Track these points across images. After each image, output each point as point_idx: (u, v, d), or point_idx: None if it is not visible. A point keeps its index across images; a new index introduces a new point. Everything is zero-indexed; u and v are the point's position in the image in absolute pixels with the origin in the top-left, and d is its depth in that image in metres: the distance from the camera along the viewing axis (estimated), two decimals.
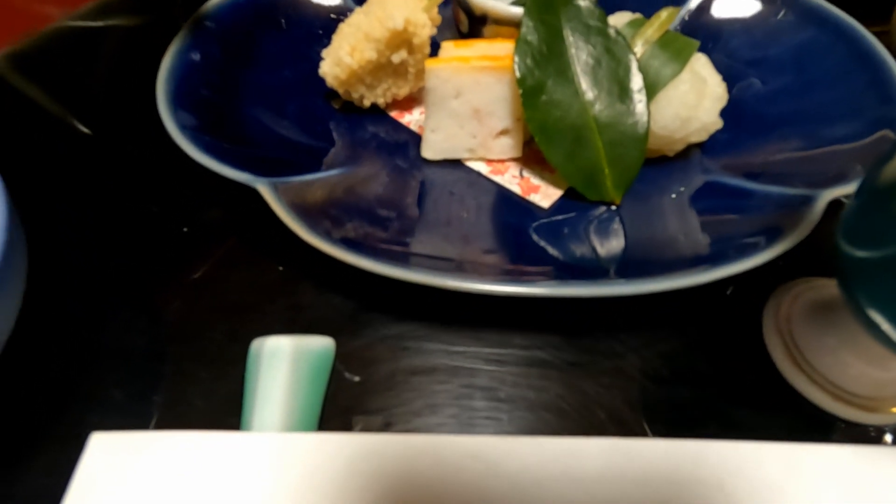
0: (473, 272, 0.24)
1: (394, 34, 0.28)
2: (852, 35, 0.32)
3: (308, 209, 0.26)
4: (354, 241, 0.24)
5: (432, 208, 0.28)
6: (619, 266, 0.26)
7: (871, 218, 0.19)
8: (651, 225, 0.28)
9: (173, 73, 0.29)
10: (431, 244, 0.26)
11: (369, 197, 0.28)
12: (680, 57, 0.28)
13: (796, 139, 0.30)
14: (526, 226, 0.27)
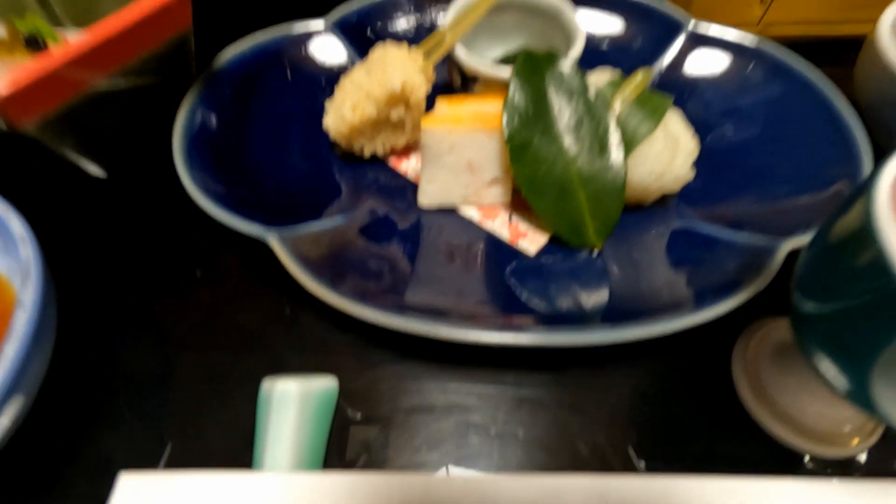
0: (466, 321, 0.26)
1: (392, 95, 0.30)
2: (817, 89, 0.35)
3: (313, 259, 0.28)
4: (356, 291, 0.26)
5: (428, 256, 0.30)
6: (601, 313, 0.28)
7: (818, 272, 0.21)
8: (630, 270, 0.30)
9: (187, 130, 0.32)
10: (427, 293, 0.28)
11: (370, 245, 0.30)
12: (655, 115, 0.30)
13: (763, 189, 0.32)
14: (514, 272, 0.30)
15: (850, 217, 0.19)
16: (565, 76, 0.30)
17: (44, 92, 0.25)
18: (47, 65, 0.24)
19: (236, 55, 0.36)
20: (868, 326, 0.18)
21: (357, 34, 0.39)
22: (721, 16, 0.42)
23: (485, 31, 0.37)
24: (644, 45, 0.40)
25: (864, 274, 0.18)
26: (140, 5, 0.27)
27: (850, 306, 0.19)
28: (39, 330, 0.22)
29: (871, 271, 0.17)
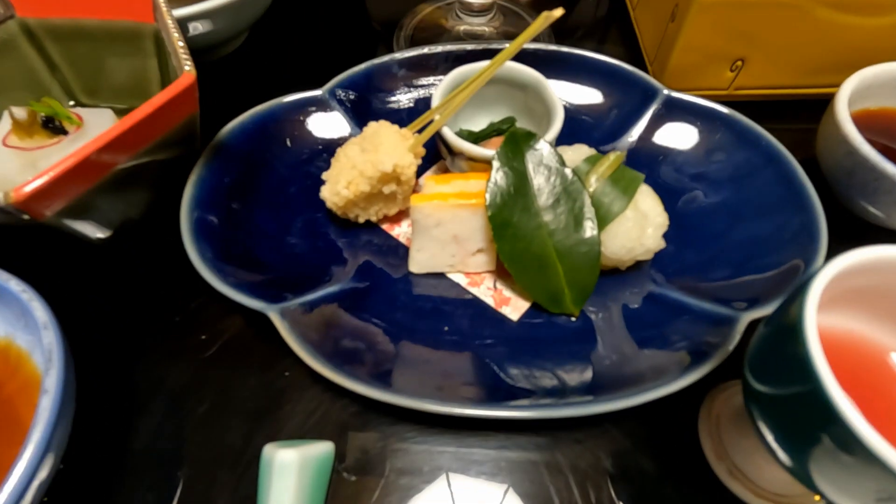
0: (453, 395, 0.28)
1: (385, 174, 0.33)
2: (782, 161, 0.37)
3: (311, 330, 0.30)
4: (350, 364, 0.29)
5: (418, 325, 0.33)
6: (581, 384, 0.30)
7: (764, 354, 0.24)
8: (606, 337, 0.33)
9: (192, 205, 0.34)
10: (416, 364, 0.30)
11: (364, 314, 0.32)
12: (627, 192, 0.33)
13: (728, 258, 0.35)
14: (499, 339, 0.32)
15: (790, 312, 0.22)
16: (544, 156, 0.32)
17: (65, 187, 0.28)
18: (68, 165, 0.27)
19: (237, 126, 0.39)
20: (799, 420, 0.20)
21: (353, 102, 0.42)
22: (694, 80, 0.45)
23: (472, 102, 0.39)
24: (621, 110, 0.42)
25: (794, 371, 0.20)
26: (155, 99, 0.30)
27: (785, 395, 0.21)
28: (61, 413, 0.24)
29: (800, 371, 0.20)
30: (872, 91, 0.39)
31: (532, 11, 0.54)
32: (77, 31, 0.39)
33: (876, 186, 0.35)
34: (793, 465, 0.22)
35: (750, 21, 0.40)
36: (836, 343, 0.25)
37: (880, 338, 0.25)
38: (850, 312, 0.25)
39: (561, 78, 0.43)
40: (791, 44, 0.41)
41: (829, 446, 0.19)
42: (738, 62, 0.43)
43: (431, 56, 0.43)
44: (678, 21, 0.41)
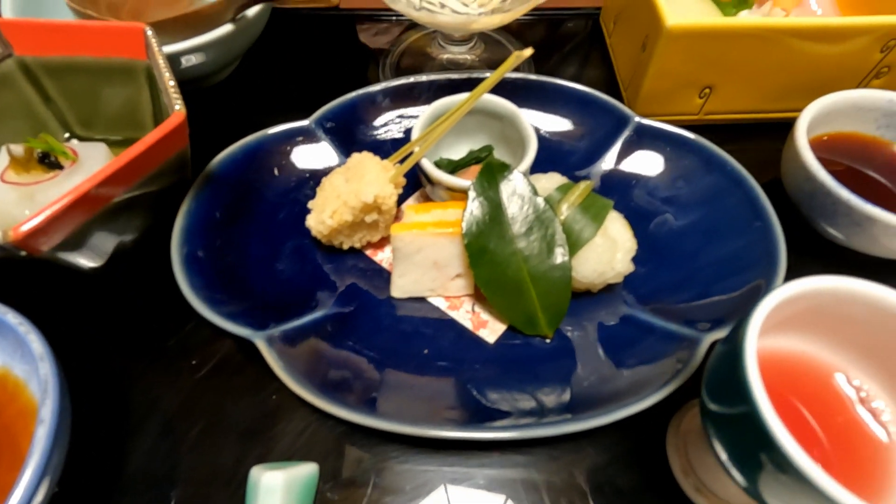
0: (432, 417, 0.30)
1: (366, 205, 0.34)
2: (746, 186, 0.39)
3: (297, 358, 0.32)
4: (334, 389, 0.30)
5: (399, 348, 0.34)
6: (557, 404, 0.32)
7: (716, 374, 0.25)
8: (580, 357, 0.34)
9: (184, 234, 0.36)
10: (397, 389, 0.32)
11: (348, 339, 0.34)
12: (597, 219, 0.34)
13: (695, 279, 0.36)
14: (476, 361, 0.34)
15: (736, 337, 0.23)
16: (517, 186, 0.34)
17: (61, 224, 0.29)
18: (64, 204, 0.28)
19: (227, 156, 0.40)
20: (744, 440, 0.22)
21: (338, 131, 0.44)
22: (666, 106, 0.47)
23: (452, 132, 0.41)
24: (595, 137, 0.44)
25: (736, 393, 0.22)
26: (147, 138, 0.31)
27: (732, 415, 0.23)
28: (56, 441, 0.26)
29: (740, 393, 0.21)
30: (831, 117, 0.41)
31: (512, 38, 0.56)
32: (72, 67, 0.40)
33: (833, 210, 0.37)
34: (744, 484, 0.23)
35: (716, 51, 0.42)
36: (786, 363, 0.26)
37: (828, 358, 0.26)
38: (801, 335, 0.27)
39: (538, 106, 0.45)
40: (756, 71, 0.44)
41: (769, 468, 0.20)
42: (706, 89, 0.45)
43: (414, 86, 0.45)
44: (648, 50, 0.43)
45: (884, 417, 0.25)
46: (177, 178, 0.37)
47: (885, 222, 0.35)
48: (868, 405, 0.25)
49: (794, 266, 0.41)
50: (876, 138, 0.42)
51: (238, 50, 0.49)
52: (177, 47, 0.43)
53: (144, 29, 0.38)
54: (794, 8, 0.46)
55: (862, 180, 0.41)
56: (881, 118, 0.42)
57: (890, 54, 0.42)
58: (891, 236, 0.36)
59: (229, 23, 0.44)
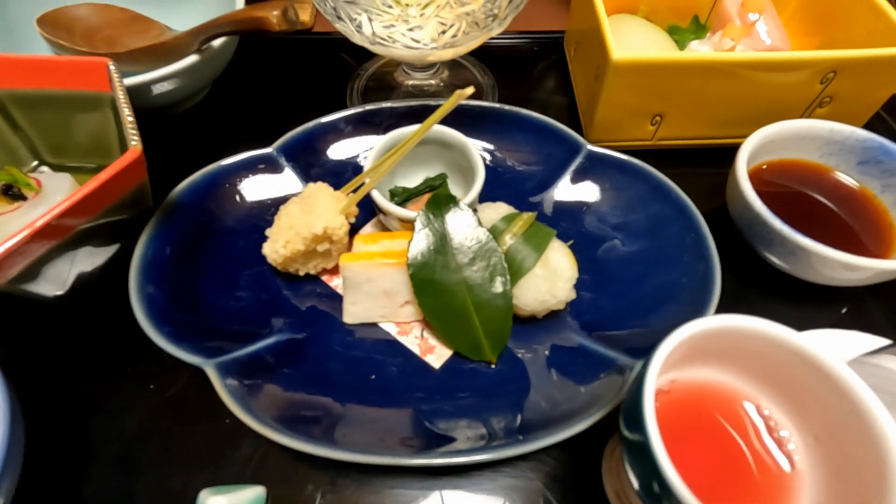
0: (379, 445, 0.31)
1: (316, 236, 0.36)
2: (689, 213, 0.40)
3: (247, 385, 0.33)
4: (282, 419, 0.31)
5: (348, 374, 0.35)
6: (496, 428, 0.33)
7: (628, 405, 0.26)
8: (522, 382, 0.36)
9: (142, 265, 0.37)
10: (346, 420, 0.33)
11: (299, 368, 0.35)
12: (538, 248, 0.36)
13: (635, 306, 0.38)
14: (421, 387, 0.35)
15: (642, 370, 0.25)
16: (462, 218, 0.36)
17: (18, 258, 0.30)
18: (19, 240, 0.30)
19: (188, 185, 0.41)
20: (645, 472, 0.23)
21: (300, 158, 0.45)
22: (620, 133, 0.48)
23: (408, 160, 0.43)
24: (549, 163, 0.46)
25: (637, 422, 0.23)
26: (102, 174, 0.33)
27: (635, 443, 0.24)
28: (5, 468, 0.27)
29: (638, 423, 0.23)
30: (775, 145, 0.43)
31: (476, 61, 0.57)
32: (40, 99, 0.42)
33: (770, 239, 0.38)
34: None
35: (663, 82, 0.43)
36: (701, 392, 0.28)
37: (742, 388, 0.28)
38: (719, 366, 0.28)
39: (495, 133, 0.47)
40: (705, 100, 0.45)
41: (662, 498, 0.22)
42: (657, 117, 0.46)
43: (374, 112, 0.46)
44: (600, 81, 0.45)
45: (789, 446, 0.26)
46: (137, 209, 0.38)
47: (817, 253, 0.36)
48: (776, 434, 0.26)
49: (739, 292, 0.42)
50: (819, 165, 0.44)
51: (207, 77, 0.51)
52: (145, 77, 0.44)
53: (108, 64, 0.39)
54: (743, 38, 0.48)
55: (809, 206, 0.43)
56: (824, 146, 0.43)
57: (830, 85, 0.43)
58: (824, 265, 0.37)
59: (195, 53, 0.45)
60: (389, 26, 0.37)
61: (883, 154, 0.41)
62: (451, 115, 0.44)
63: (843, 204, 0.42)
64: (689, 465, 0.26)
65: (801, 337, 0.24)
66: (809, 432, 0.25)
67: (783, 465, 0.25)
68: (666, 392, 0.28)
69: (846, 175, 0.43)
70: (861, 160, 0.42)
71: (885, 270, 0.36)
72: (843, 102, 0.45)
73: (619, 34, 0.49)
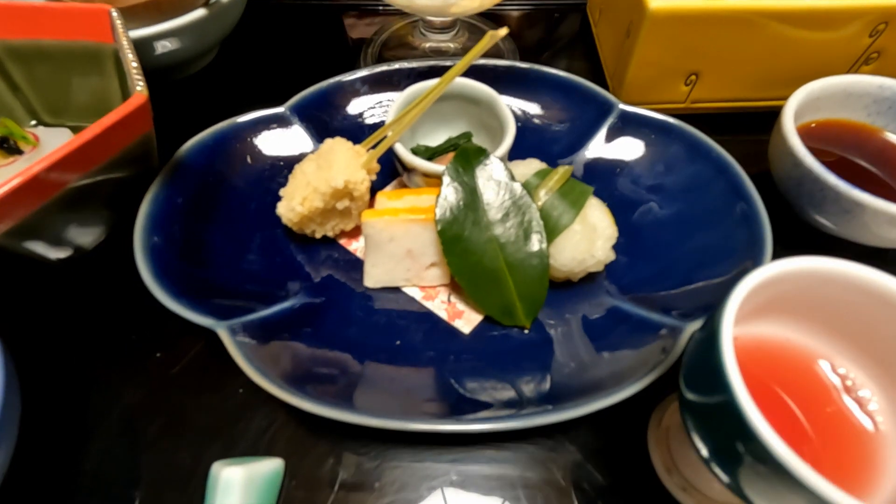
0: (406, 411, 0.29)
1: (337, 191, 0.33)
2: (731, 172, 0.38)
3: (262, 350, 0.30)
4: (301, 381, 0.29)
5: (371, 340, 0.33)
6: (534, 394, 0.30)
7: (693, 364, 0.24)
8: (559, 347, 0.33)
9: (148, 221, 0.34)
10: (368, 381, 0.30)
11: (317, 332, 0.32)
12: (576, 205, 0.33)
13: (678, 268, 0.35)
14: (450, 353, 0.32)
15: (712, 323, 0.22)
16: (493, 171, 0.33)
17: (12, 207, 0.28)
18: (14, 185, 0.27)
19: (197, 143, 0.39)
20: (722, 432, 0.20)
21: (314, 118, 0.42)
22: (651, 94, 0.45)
23: (430, 118, 0.40)
24: (578, 124, 0.43)
25: (713, 381, 0.20)
26: (104, 120, 0.30)
27: (710, 405, 0.21)
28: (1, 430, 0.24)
29: (717, 381, 0.20)
30: (821, 103, 0.40)
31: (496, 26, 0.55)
32: (38, 53, 0.39)
33: (822, 197, 0.35)
34: (727, 480, 0.22)
35: (700, 36, 0.41)
36: (768, 351, 0.25)
37: (812, 345, 0.25)
38: (785, 321, 0.26)
39: (520, 93, 0.44)
40: (742, 58, 0.42)
41: (749, 460, 0.19)
42: (692, 76, 0.44)
43: (392, 73, 0.44)
44: (632, 37, 0.42)
45: (870, 407, 0.23)
46: (142, 166, 0.35)
47: (874, 208, 0.33)
48: (854, 394, 0.24)
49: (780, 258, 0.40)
50: (866, 125, 0.41)
51: (214, 37, 0.48)
52: (148, 31, 0.41)
53: (110, 11, 0.36)
54: None
55: (852, 169, 0.40)
56: (871, 105, 0.41)
57: (879, 39, 0.41)
58: (881, 223, 0.34)
59: (202, 8, 0.43)
60: None
61: None
62: (477, 75, 0.42)
63: (893, 167, 0.40)
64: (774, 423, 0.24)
65: (889, 279, 0.21)
66: (892, 391, 0.23)
67: (866, 426, 0.23)
68: None
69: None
70: None
71: None
72: (892, 58, 0.42)
73: None
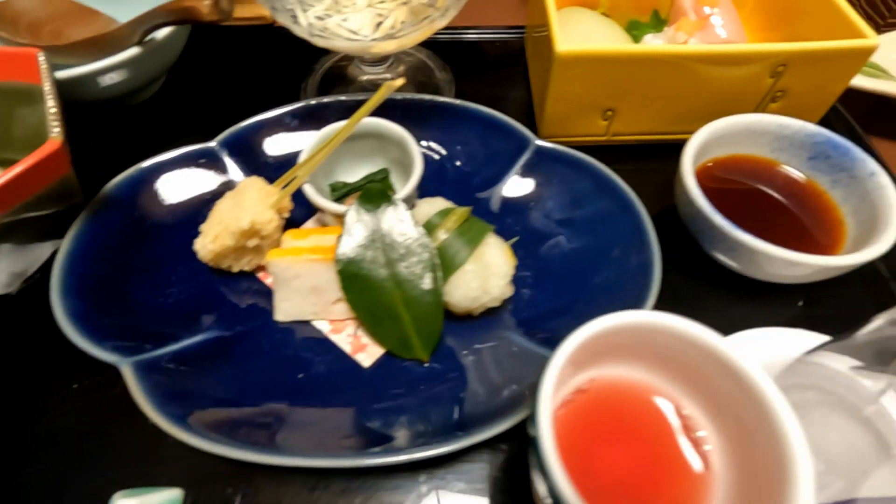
0: (303, 446, 0.30)
1: (244, 231, 0.35)
2: (633, 209, 0.39)
3: (167, 385, 0.32)
4: (200, 419, 0.30)
5: (275, 373, 0.34)
6: (423, 427, 0.32)
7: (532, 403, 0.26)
8: (456, 380, 0.35)
9: (67, 258, 0.36)
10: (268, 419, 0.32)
11: (224, 366, 0.34)
12: (472, 243, 0.35)
13: (576, 303, 0.37)
14: (349, 386, 0.34)
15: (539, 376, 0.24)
16: (395, 212, 0.35)
17: None
18: None
19: (125, 179, 0.41)
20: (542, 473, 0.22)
21: (244, 152, 0.44)
22: (574, 128, 0.47)
23: (349, 155, 0.42)
24: (498, 158, 0.45)
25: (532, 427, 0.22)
26: (17, 166, 0.32)
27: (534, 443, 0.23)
28: None
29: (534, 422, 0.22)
30: (726, 140, 0.42)
31: (433, 55, 0.57)
32: None
33: (712, 235, 0.37)
34: None
35: (610, 76, 0.42)
36: (620, 391, 0.27)
37: (660, 386, 0.27)
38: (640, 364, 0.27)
39: (444, 127, 0.46)
40: (654, 96, 0.44)
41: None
42: (608, 112, 0.46)
43: (320, 107, 0.45)
44: (547, 73, 0.44)
45: (705, 447, 0.25)
46: (64, 203, 0.37)
47: (757, 249, 0.35)
48: (693, 434, 0.25)
49: (689, 291, 0.41)
50: (771, 160, 0.43)
51: (156, 68, 0.50)
52: (89, 68, 0.43)
53: (37, 54, 0.38)
54: (696, 32, 0.47)
55: (759, 202, 0.42)
56: (774, 141, 0.42)
57: (781, 79, 0.42)
58: (769, 263, 0.36)
59: (137, 45, 0.44)
60: (324, 17, 0.37)
61: (832, 149, 0.40)
62: (401, 110, 0.44)
63: (794, 199, 0.42)
64: (606, 465, 0.25)
65: (710, 334, 0.23)
66: (724, 433, 0.25)
67: (698, 466, 0.25)
68: (585, 391, 0.27)
69: (797, 170, 0.42)
70: (811, 155, 0.41)
71: (827, 267, 0.35)
72: (796, 97, 0.44)
73: (570, 28, 0.49)
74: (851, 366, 0.31)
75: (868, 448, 0.29)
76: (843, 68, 0.42)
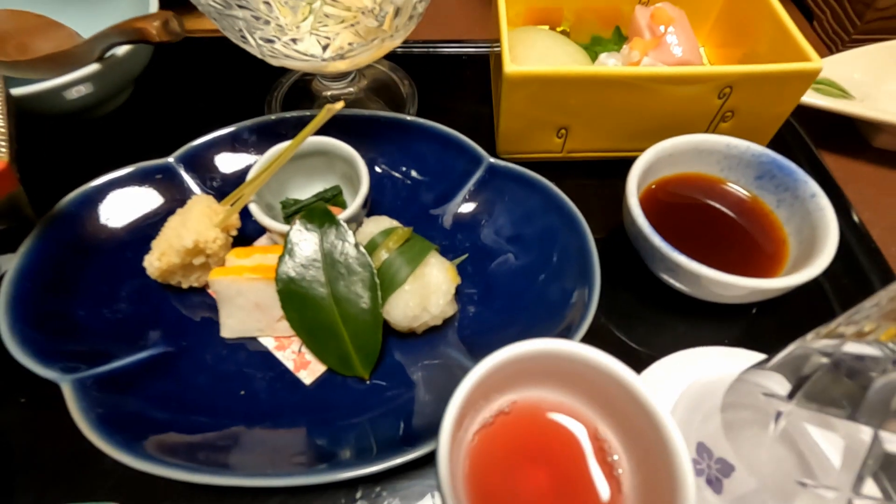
0: (243, 464, 0.31)
1: (188, 249, 0.35)
2: (578, 227, 0.40)
3: (106, 403, 0.32)
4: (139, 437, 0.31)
5: (219, 390, 0.35)
6: (365, 444, 0.32)
7: None
8: (396, 396, 0.35)
9: (17, 273, 0.36)
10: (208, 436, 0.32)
11: (168, 383, 0.35)
12: (413, 262, 0.35)
13: (520, 319, 0.37)
14: (290, 403, 0.35)
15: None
16: (336, 232, 0.35)
17: None
18: None
19: (78, 195, 0.41)
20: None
21: (201, 168, 0.45)
22: (529, 145, 0.48)
23: (302, 172, 0.43)
24: (451, 175, 0.45)
25: None
26: None
27: None
28: None
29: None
30: (676, 159, 0.43)
31: (397, 67, 0.57)
32: None
33: (653, 255, 0.38)
34: None
35: (560, 96, 0.43)
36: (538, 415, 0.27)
37: (581, 411, 0.27)
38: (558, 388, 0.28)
39: (400, 143, 0.46)
40: (604, 115, 0.45)
41: None
42: (562, 129, 0.46)
43: (277, 123, 0.46)
44: (500, 93, 0.44)
45: (619, 471, 0.26)
46: (11, 221, 0.38)
47: (692, 271, 0.35)
48: (609, 458, 0.26)
49: (634, 310, 0.42)
50: (719, 178, 0.44)
51: (119, 82, 0.51)
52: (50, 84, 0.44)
53: None
54: (650, 50, 0.48)
55: (705, 221, 0.42)
56: (723, 160, 0.43)
57: (728, 100, 0.43)
58: (707, 283, 0.36)
59: (97, 61, 0.45)
60: (270, 40, 0.37)
61: (777, 169, 0.41)
62: (359, 127, 0.44)
63: (741, 217, 0.42)
64: (522, 488, 0.26)
65: (613, 361, 0.24)
66: (633, 457, 0.25)
67: (611, 489, 0.25)
68: (507, 413, 0.28)
69: (744, 189, 0.43)
70: (757, 175, 0.42)
71: (762, 289, 0.35)
72: (745, 117, 0.45)
73: (525, 47, 0.49)
74: (782, 384, 0.31)
75: (793, 468, 0.29)
76: (790, 90, 0.42)
